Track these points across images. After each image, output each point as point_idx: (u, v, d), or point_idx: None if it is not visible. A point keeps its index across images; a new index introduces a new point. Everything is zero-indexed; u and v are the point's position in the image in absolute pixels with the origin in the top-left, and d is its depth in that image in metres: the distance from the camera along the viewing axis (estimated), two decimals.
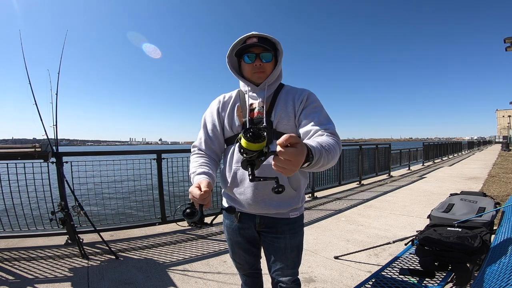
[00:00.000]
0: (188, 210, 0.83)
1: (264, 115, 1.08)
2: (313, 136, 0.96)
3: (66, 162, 2.84)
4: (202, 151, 1.17)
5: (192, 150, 1.20)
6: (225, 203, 1.21)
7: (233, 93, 1.20)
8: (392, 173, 8.36)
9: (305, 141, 0.78)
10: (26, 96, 2.59)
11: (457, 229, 1.62)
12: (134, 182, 3.29)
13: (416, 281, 1.40)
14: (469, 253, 1.41)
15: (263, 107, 1.09)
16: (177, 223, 3.46)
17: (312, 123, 1.01)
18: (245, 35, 1.09)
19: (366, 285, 1.42)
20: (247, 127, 1.04)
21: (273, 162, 0.65)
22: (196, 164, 1.08)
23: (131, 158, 3.29)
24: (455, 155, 17.26)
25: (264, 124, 1.06)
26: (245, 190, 1.07)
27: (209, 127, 1.17)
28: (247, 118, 1.09)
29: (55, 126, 2.62)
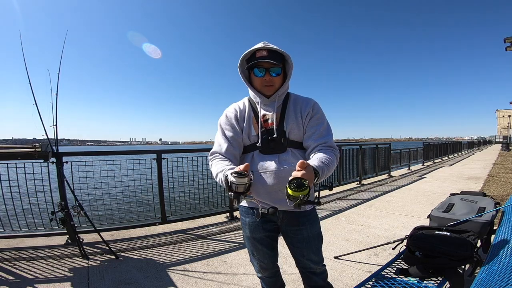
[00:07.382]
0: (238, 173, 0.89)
1: (276, 126, 1.16)
2: (314, 149, 1.15)
3: (66, 162, 2.84)
4: (223, 155, 1.16)
5: (211, 157, 1.18)
6: (244, 203, 1.26)
7: (245, 103, 1.25)
8: (392, 173, 8.35)
9: (310, 162, 0.98)
10: (26, 96, 2.60)
11: (445, 233, 1.60)
12: (134, 182, 3.29)
13: (416, 281, 1.40)
14: (456, 259, 1.39)
15: (276, 118, 1.18)
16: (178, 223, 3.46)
17: (314, 135, 1.17)
18: (255, 47, 1.13)
19: (366, 285, 1.42)
20: (268, 140, 1.15)
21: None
22: (223, 164, 1.08)
23: (131, 158, 3.30)
24: (455, 155, 17.25)
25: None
26: (265, 194, 1.14)
27: (230, 133, 1.19)
28: (261, 129, 1.16)
29: (55, 126, 2.62)
